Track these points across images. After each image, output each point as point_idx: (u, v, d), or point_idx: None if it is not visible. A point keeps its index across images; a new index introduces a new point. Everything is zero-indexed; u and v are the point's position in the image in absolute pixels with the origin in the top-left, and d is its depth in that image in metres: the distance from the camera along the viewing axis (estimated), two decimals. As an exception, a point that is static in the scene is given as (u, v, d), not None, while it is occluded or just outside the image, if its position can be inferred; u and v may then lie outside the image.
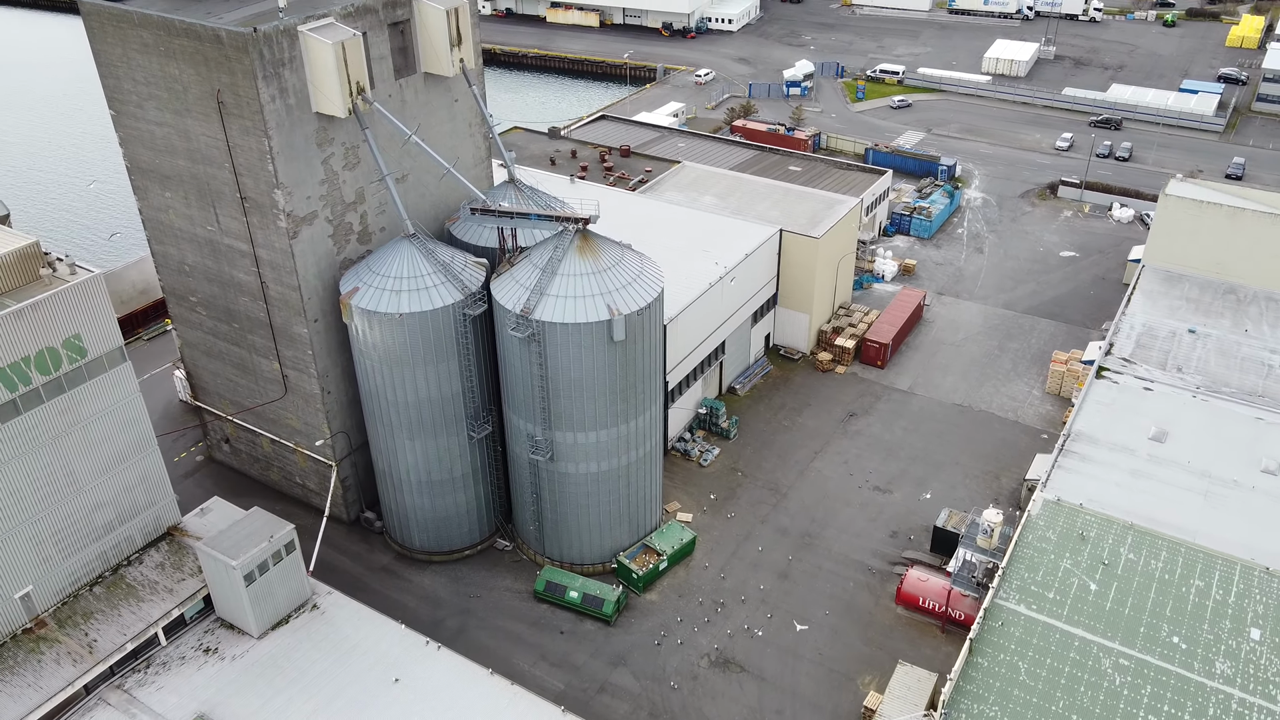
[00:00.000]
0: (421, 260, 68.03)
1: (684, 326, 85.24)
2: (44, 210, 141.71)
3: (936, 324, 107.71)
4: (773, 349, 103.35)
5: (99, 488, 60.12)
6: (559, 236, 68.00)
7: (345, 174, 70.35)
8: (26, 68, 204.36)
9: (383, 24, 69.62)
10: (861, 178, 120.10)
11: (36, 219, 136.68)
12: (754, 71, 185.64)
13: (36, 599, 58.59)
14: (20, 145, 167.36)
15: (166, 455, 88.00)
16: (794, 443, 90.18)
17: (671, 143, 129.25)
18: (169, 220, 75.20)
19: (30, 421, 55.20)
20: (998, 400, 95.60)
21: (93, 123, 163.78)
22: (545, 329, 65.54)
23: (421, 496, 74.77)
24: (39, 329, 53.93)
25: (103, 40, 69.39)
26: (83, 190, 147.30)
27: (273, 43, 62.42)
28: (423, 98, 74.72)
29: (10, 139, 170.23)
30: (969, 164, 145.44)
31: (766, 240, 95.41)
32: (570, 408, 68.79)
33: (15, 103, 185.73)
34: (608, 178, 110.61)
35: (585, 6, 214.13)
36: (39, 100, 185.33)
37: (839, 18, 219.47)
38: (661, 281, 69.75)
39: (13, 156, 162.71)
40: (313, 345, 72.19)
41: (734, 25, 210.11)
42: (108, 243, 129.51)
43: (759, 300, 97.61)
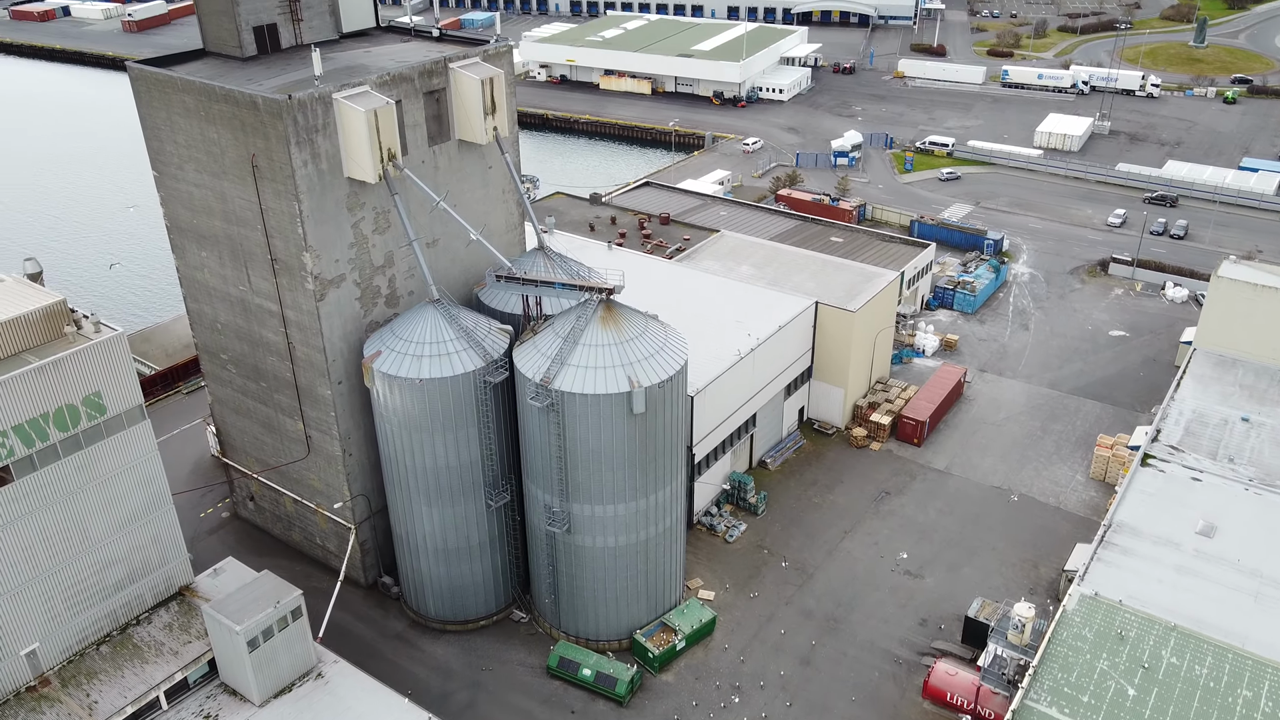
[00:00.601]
0: (445, 326, 67.88)
1: (713, 398, 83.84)
2: (76, 265, 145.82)
3: (977, 402, 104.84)
4: (806, 423, 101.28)
5: (111, 545, 60.09)
6: (583, 306, 67.46)
7: (375, 238, 70.87)
8: (72, 119, 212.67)
9: (418, 92, 70.59)
10: (904, 250, 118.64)
11: (70, 272, 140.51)
12: (802, 141, 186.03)
13: (42, 656, 58.33)
14: (59, 197, 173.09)
15: (193, 510, 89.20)
16: (824, 521, 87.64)
17: (713, 211, 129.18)
18: (204, 279, 76.32)
19: (46, 478, 55.50)
20: (1039, 484, 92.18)
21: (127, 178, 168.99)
22: (564, 399, 64.67)
23: (437, 564, 73.69)
24: (59, 386, 54.43)
25: (148, 104, 71.30)
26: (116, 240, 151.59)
27: (307, 109, 63.46)
28: (456, 164, 75.37)
29: (50, 188, 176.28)
30: (1017, 238, 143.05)
31: (801, 312, 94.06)
32: (588, 479, 67.53)
33: (56, 154, 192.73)
34: (645, 245, 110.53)
35: (638, 75, 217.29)
36: (80, 153, 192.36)
37: (890, 89, 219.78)
38: (685, 354, 68.66)
39: (51, 209, 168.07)
40: (335, 407, 72.15)
41: (784, 95, 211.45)
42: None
43: (793, 373, 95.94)
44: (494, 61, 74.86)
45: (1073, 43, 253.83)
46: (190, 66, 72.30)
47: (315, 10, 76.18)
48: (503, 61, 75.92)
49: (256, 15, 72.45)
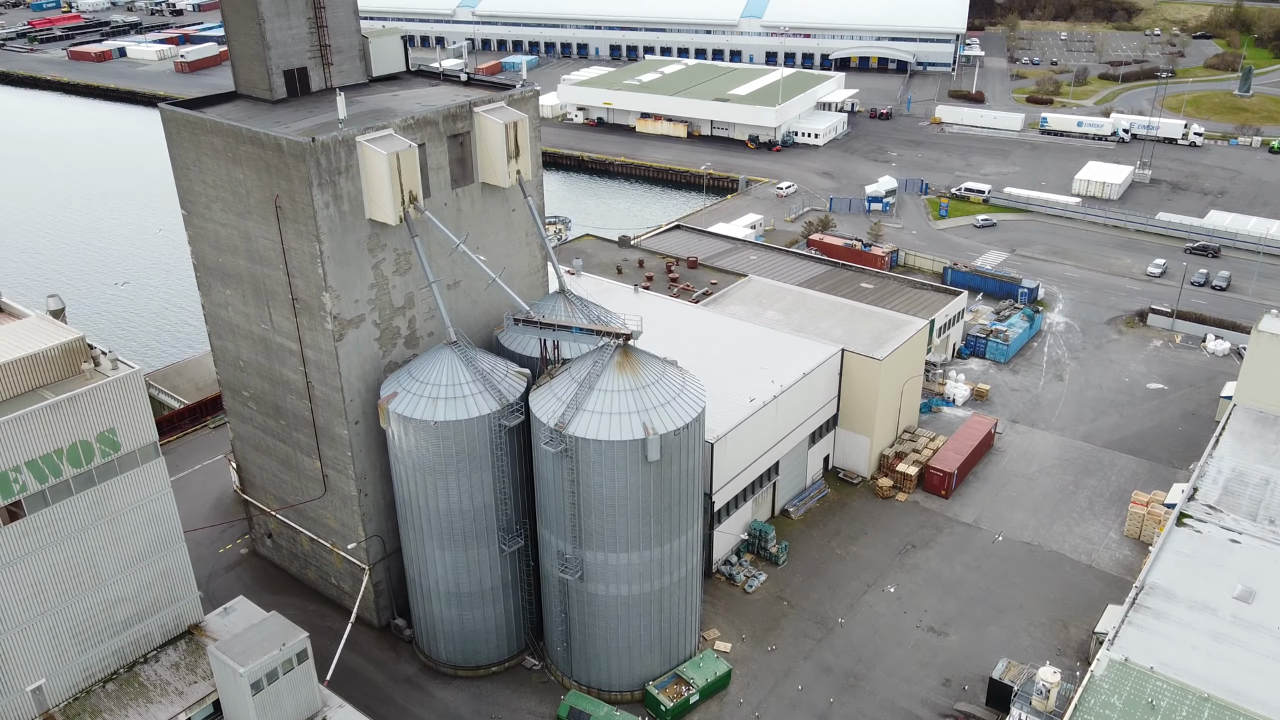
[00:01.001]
0: (461, 368, 67.65)
1: (733, 445, 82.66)
2: (117, 298, 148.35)
3: (1008, 454, 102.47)
4: (831, 471, 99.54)
5: (121, 582, 60.06)
6: (600, 351, 66.93)
7: (395, 279, 71.09)
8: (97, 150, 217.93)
9: (442, 135, 71.09)
10: (935, 298, 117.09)
11: (112, 305, 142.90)
12: (836, 186, 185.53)
13: (48, 693, 58.20)
14: (84, 233, 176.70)
15: (212, 545, 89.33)
16: (846, 573, 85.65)
17: (743, 255, 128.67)
18: (227, 316, 76.99)
19: (58, 513, 55.72)
20: (1070, 541, 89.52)
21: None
22: (578, 445, 63.94)
23: (449, 608, 72.85)
24: (74, 422, 54.78)
25: (178, 144, 72.53)
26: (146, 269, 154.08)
27: (330, 152, 64.07)
28: (479, 207, 75.63)
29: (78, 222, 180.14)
30: (1053, 287, 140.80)
31: (827, 359, 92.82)
32: (602, 527, 66.55)
33: (103, 190, 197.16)
34: (672, 289, 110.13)
35: (674, 118, 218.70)
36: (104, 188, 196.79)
37: (927, 135, 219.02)
38: (703, 400, 67.74)
39: (96, 243, 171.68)
40: (352, 446, 72.02)
41: (820, 140, 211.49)
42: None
43: (817, 421, 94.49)
44: (519, 106, 75.30)
45: (1114, 90, 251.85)
46: (221, 108, 73.56)
47: (345, 55, 77.30)
48: (528, 106, 76.35)
49: (287, 59, 73.64)
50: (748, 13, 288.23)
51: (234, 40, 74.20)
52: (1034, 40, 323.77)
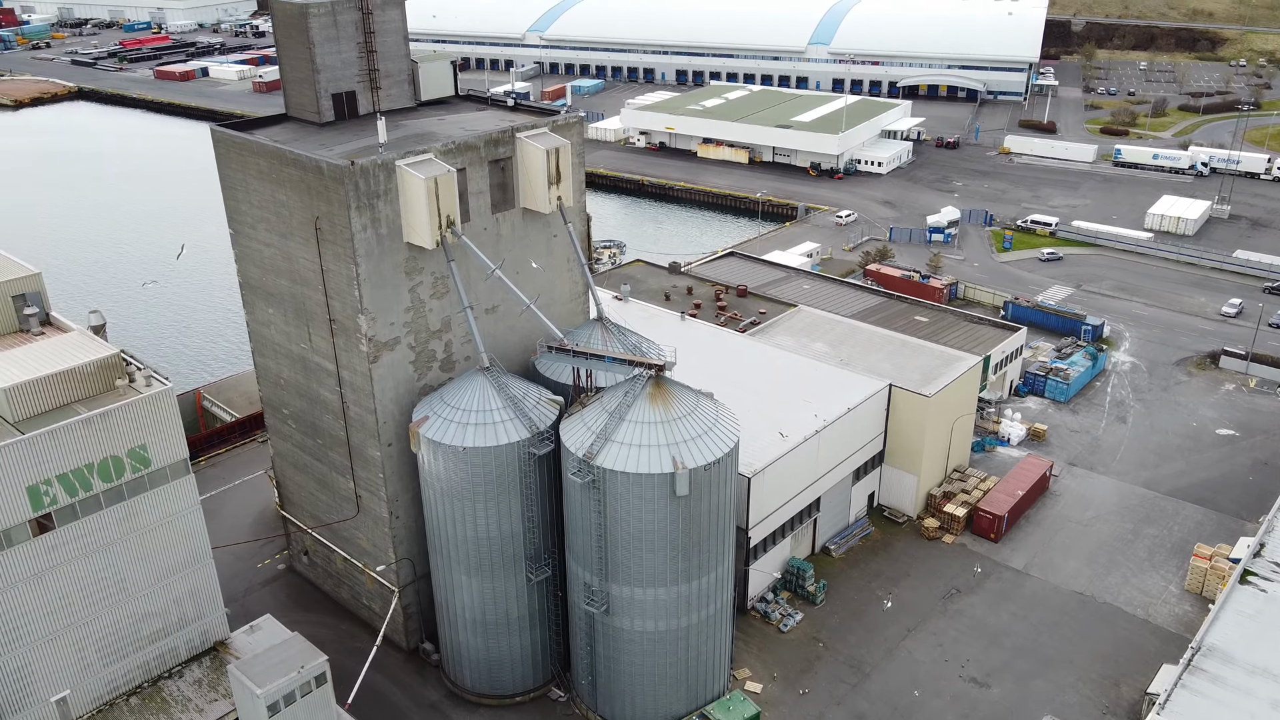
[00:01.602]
0: (493, 394, 67.20)
1: (772, 480, 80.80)
2: (179, 313, 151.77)
3: (1063, 498, 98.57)
4: (876, 509, 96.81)
5: (148, 597, 60.59)
6: (632, 381, 65.90)
7: (432, 302, 71.09)
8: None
9: (483, 160, 71.09)
10: (993, 333, 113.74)
11: (175, 319, 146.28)
12: (898, 215, 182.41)
13: (72, 704, 58.81)
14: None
15: (251, 560, 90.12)
16: (886, 616, 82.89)
17: (796, 284, 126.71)
18: (269, 335, 77.87)
19: (87, 526, 56.42)
20: (1126, 593, 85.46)
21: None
22: (606, 477, 62.89)
23: (475, 636, 72.13)
24: (105, 437, 55.49)
25: (227, 165, 73.77)
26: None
27: (369, 175, 64.42)
28: (519, 232, 75.41)
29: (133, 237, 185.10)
30: (1120, 325, 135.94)
31: (874, 395, 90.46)
32: (628, 560, 65.28)
33: (178, 207, 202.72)
34: (719, 317, 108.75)
35: (736, 144, 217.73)
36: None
37: (995, 165, 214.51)
38: (736, 434, 66.21)
39: (164, 257, 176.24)
40: (384, 469, 71.99)
41: (883, 168, 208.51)
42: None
43: (862, 457, 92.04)
44: (562, 132, 75.05)
45: (1193, 123, 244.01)
46: (270, 130, 74.71)
47: (394, 79, 77.98)
48: (572, 132, 76.07)
49: (336, 83, 74.51)
50: (816, 39, 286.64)
51: (285, 63, 75.41)
52: (1111, 70, 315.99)
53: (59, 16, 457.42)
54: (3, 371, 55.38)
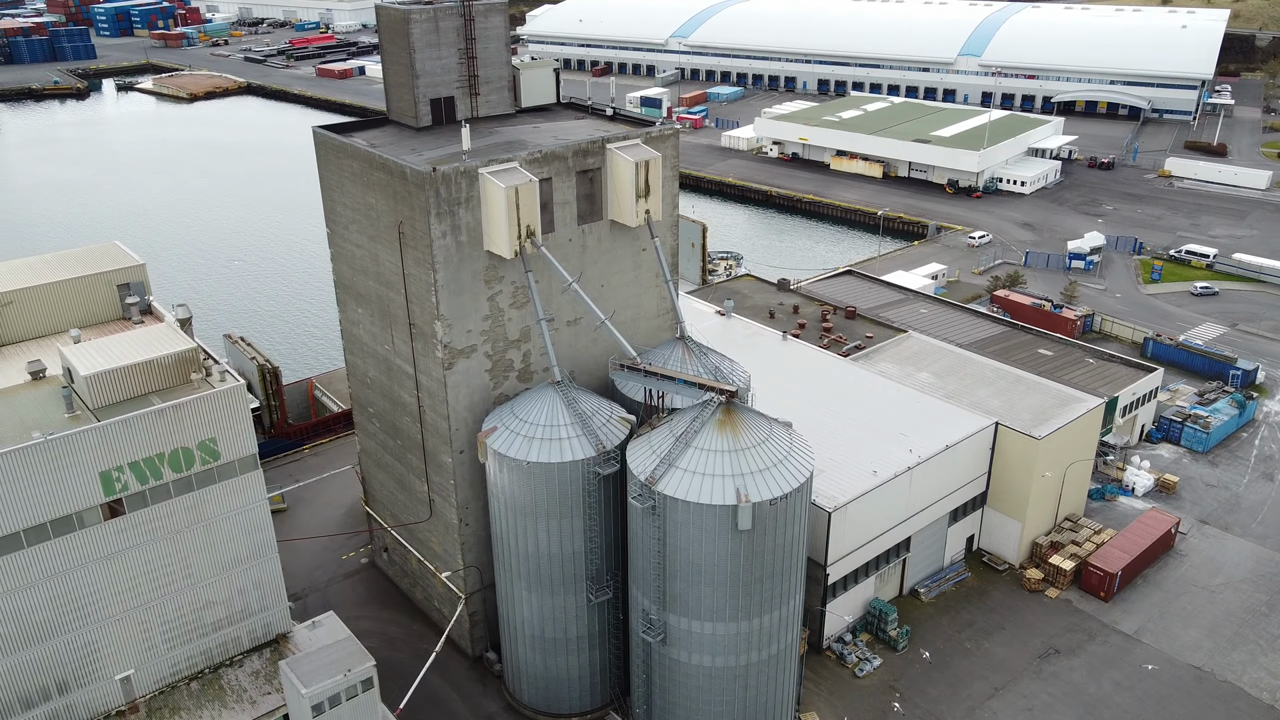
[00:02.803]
0: (562, 409, 65.97)
1: (856, 516, 76.74)
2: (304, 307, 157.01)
3: (1190, 559, 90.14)
4: (974, 554, 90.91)
5: (213, 586, 62.07)
6: (703, 406, 63.41)
7: (512, 312, 70.48)
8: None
9: (571, 170, 70.03)
10: (1125, 372, 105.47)
11: (298, 313, 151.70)
12: (1036, 239, 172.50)
13: (136, 683, 60.81)
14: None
15: (336, 552, 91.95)
16: (972, 671, 77.46)
17: (912, 308, 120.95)
18: (358, 334, 79.11)
19: (156, 513, 58.12)
20: (1252, 673, 77.20)
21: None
22: (667, 504, 60.66)
23: (533, 652, 71.14)
24: (176, 429, 57.01)
25: (326, 166, 75.28)
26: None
27: (450, 182, 64.24)
28: (606, 245, 74.03)
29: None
30: (1277, 371, 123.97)
31: (977, 433, 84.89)
32: (687, 592, 62.82)
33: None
34: (823, 339, 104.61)
35: (870, 157, 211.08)
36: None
37: (1151, 189, 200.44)
38: (809, 469, 62.77)
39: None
40: (455, 475, 71.87)
41: (1026, 188, 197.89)
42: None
43: (961, 498, 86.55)
44: (656, 144, 73.26)
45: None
46: (369, 133, 75.79)
47: (494, 86, 77.91)
48: (665, 145, 74.20)
49: (435, 89, 74.94)
50: (966, 50, 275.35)
51: (388, 68, 76.36)
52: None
53: (239, 16, 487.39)
54: (89, 359, 57.67)
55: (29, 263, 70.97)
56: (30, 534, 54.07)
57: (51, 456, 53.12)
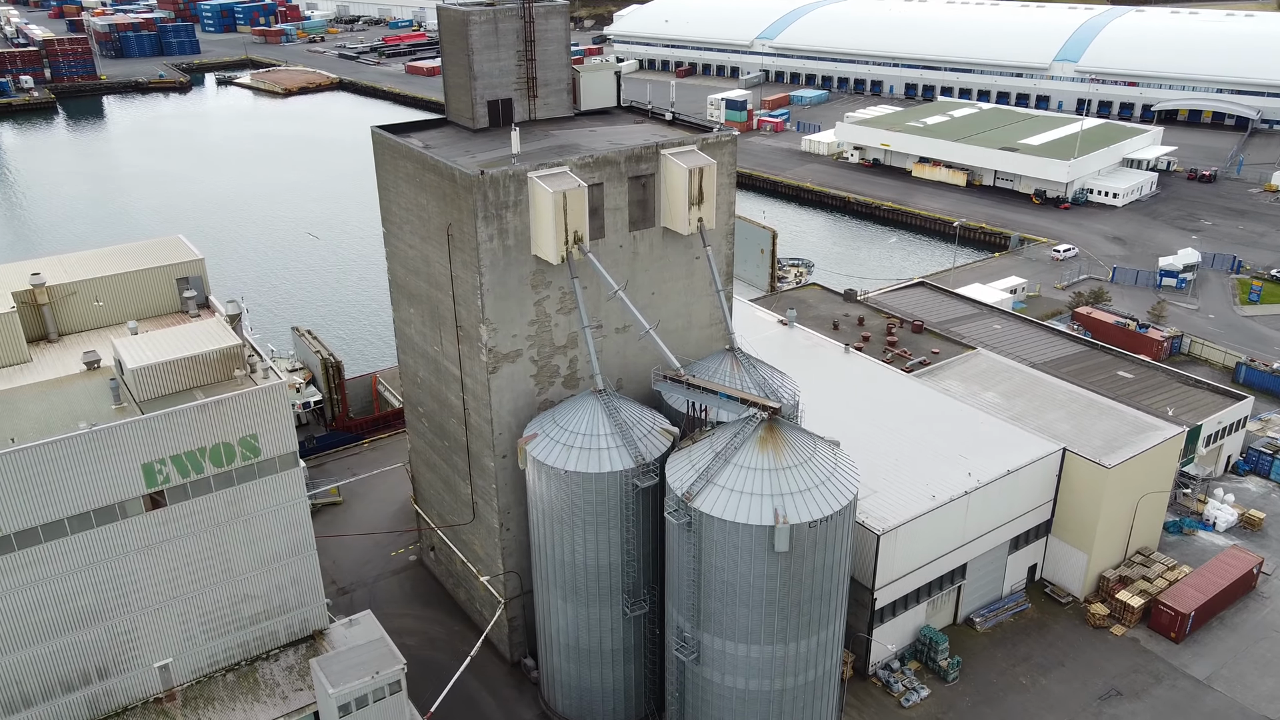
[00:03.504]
0: (603, 419, 64.96)
1: (907, 540, 73.98)
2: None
3: (1273, 602, 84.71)
4: (1037, 583, 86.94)
5: (251, 580, 62.69)
6: (745, 421, 61.67)
7: (559, 317, 69.75)
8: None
9: (623, 176, 68.96)
10: (1211, 399, 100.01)
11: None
12: (1126, 254, 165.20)
13: (174, 672, 61.77)
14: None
15: (386, 548, 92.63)
16: (1025, 708, 73.97)
17: (985, 323, 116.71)
18: (410, 334, 79.39)
19: (196, 507, 58.89)
20: (1332, 728, 72.08)
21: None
22: (703, 521, 59.13)
23: (568, 661, 70.32)
24: (218, 424, 57.63)
25: (382, 165, 75.68)
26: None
27: (499, 186, 63.76)
28: (658, 252, 72.78)
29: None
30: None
31: (1042, 458, 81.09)
32: (722, 611, 61.18)
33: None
34: (886, 353, 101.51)
35: (954, 165, 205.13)
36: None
37: (1256, 204, 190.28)
38: (853, 491, 60.50)
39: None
40: (497, 480, 71.49)
41: (1119, 200, 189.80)
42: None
43: (1023, 525, 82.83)
44: (713, 151, 71.71)
45: None
46: (426, 134, 75.92)
47: (552, 88, 77.34)
48: (723, 152, 72.62)
49: (492, 90, 74.69)
50: (1062, 56, 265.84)
51: (447, 68, 76.41)
52: None
53: (336, 13, 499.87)
54: (138, 352, 58.77)
55: (94, 254, 72.94)
56: (74, 522, 55.26)
57: (96, 447, 54.18)
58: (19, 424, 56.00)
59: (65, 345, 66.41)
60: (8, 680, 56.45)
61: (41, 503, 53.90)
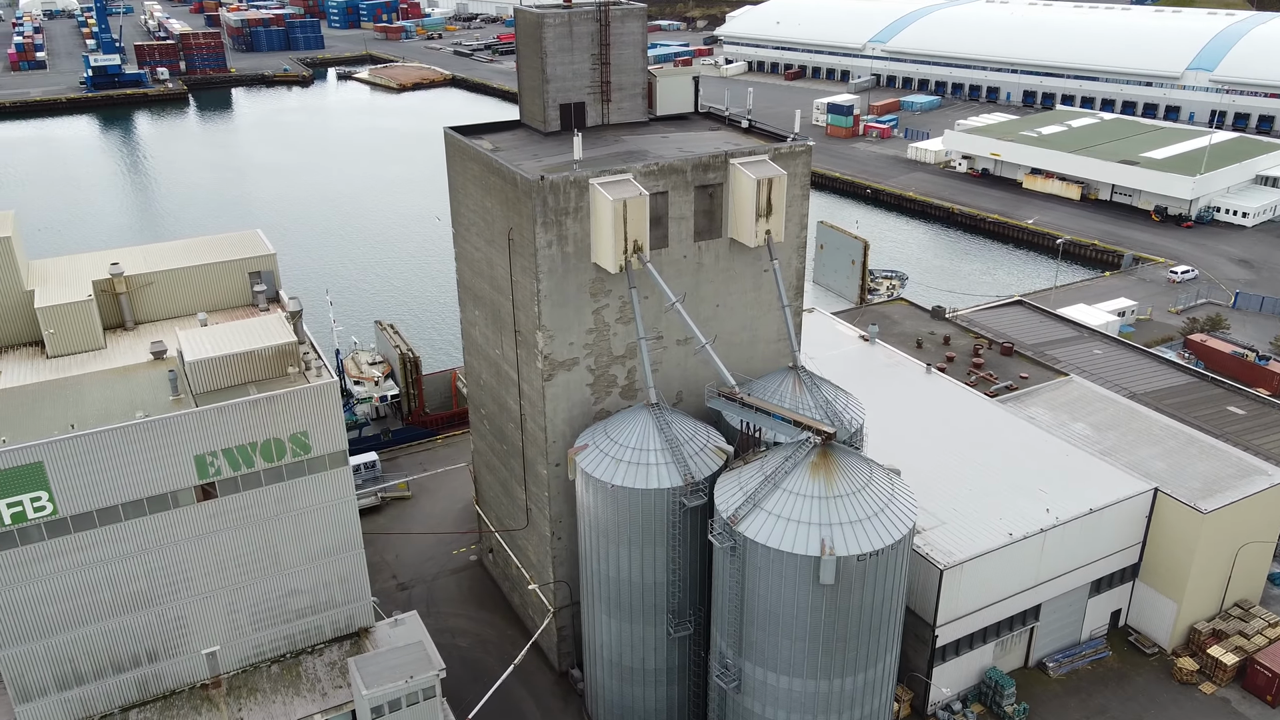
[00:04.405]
0: (654, 434, 63.34)
1: (973, 577, 70.14)
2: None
3: (1387, 669, 77.22)
4: (1120, 630, 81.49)
5: (298, 575, 63.43)
6: (799, 445, 59.20)
7: (618, 327, 68.48)
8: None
9: (689, 185, 67.21)
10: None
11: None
12: (1253, 278, 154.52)
13: (221, 660, 62.98)
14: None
15: (448, 545, 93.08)
16: (1096, 766, 69.30)
17: (1084, 348, 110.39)
18: (475, 335, 79.34)
19: (247, 500, 59.82)
20: None
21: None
22: (747, 546, 57.00)
23: (609, 678, 69.05)
24: (269, 420, 58.37)
25: (453, 166, 75.77)
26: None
27: (559, 191, 62.84)
28: (724, 263, 70.77)
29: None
30: None
31: (1129, 499, 75.85)
32: (764, 640, 58.93)
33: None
34: (970, 376, 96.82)
35: (1068, 178, 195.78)
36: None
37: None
38: (909, 524, 57.41)
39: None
40: (550, 487, 70.69)
41: (1248, 219, 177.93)
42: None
43: (1106, 567, 77.71)
44: (783, 161, 69.28)
45: None
46: (498, 136, 75.65)
47: (627, 93, 76.05)
48: (796, 162, 70.12)
49: (565, 94, 73.85)
50: (1196, 64, 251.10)
51: (522, 70, 75.99)
52: None
53: (456, 11, 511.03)
54: (197, 345, 60.01)
55: (174, 245, 75.14)
56: (128, 508, 56.73)
57: (150, 437, 55.47)
58: (82, 410, 57.78)
59: (139, 334, 68.48)
60: (62, 657, 58.40)
61: (97, 488, 55.46)
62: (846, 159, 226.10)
